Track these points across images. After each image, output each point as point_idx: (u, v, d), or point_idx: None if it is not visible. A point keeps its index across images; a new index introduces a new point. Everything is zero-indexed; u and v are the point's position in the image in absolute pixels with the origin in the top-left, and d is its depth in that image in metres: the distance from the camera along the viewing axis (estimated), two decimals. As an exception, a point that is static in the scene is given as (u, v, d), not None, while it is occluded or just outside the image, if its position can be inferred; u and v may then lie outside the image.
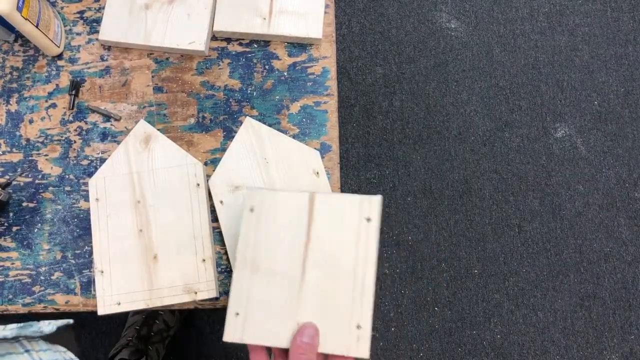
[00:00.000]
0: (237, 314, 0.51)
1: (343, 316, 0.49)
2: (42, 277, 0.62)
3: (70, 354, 0.56)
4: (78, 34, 0.67)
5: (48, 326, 0.53)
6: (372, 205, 0.51)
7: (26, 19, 0.58)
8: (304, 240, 0.52)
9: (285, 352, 0.50)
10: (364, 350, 0.48)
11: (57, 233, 0.63)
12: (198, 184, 0.61)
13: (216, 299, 0.60)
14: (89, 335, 1.20)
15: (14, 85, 0.66)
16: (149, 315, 1.09)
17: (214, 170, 0.63)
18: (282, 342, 0.50)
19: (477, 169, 1.31)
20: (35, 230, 0.63)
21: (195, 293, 0.59)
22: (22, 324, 0.52)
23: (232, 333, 0.51)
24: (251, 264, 0.52)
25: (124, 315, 1.14)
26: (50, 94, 0.66)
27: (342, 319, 0.49)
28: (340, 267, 0.50)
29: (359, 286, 0.50)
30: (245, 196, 0.54)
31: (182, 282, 0.59)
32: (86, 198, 0.63)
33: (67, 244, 0.62)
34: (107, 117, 0.65)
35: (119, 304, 0.59)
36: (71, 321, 0.56)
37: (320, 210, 0.52)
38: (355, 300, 0.49)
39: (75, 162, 0.64)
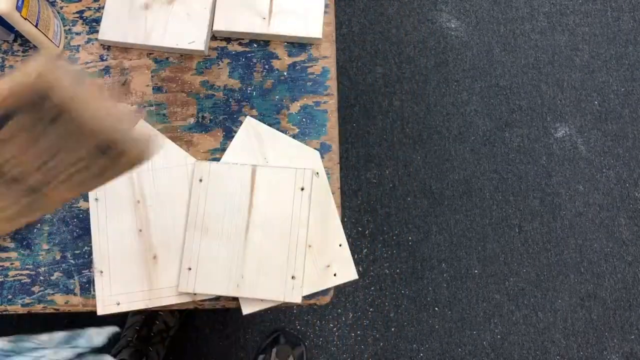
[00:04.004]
0: (189, 268, 0.59)
1: (280, 269, 0.58)
2: (41, 277, 0.62)
3: None
4: (77, 33, 0.67)
5: (98, 337, 0.51)
6: (305, 176, 0.60)
7: (25, 19, 0.58)
8: (247, 206, 0.60)
9: None
10: (297, 296, 0.58)
11: (57, 233, 0.62)
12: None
13: (216, 299, 0.60)
14: (89, 336, 1.20)
15: (14, 85, 0.66)
16: (149, 316, 1.09)
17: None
18: (230, 292, 0.58)
19: (478, 169, 1.31)
20: (35, 230, 0.63)
21: (195, 293, 0.59)
22: (69, 333, 0.50)
23: (185, 284, 0.58)
24: (200, 228, 0.59)
25: (124, 316, 1.14)
26: (49, 94, 0.66)
27: (280, 272, 0.58)
28: (278, 228, 0.59)
29: (294, 245, 0.59)
30: (195, 168, 0.61)
31: (181, 282, 0.59)
32: (85, 198, 0.63)
33: (66, 244, 0.62)
34: (107, 117, 0.65)
35: (119, 304, 0.59)
36: (117, 329, 0.55)
37: (261, 181, 0.60)
38: (290, 257, 0.58)
39: (74, 162, 0.64)
